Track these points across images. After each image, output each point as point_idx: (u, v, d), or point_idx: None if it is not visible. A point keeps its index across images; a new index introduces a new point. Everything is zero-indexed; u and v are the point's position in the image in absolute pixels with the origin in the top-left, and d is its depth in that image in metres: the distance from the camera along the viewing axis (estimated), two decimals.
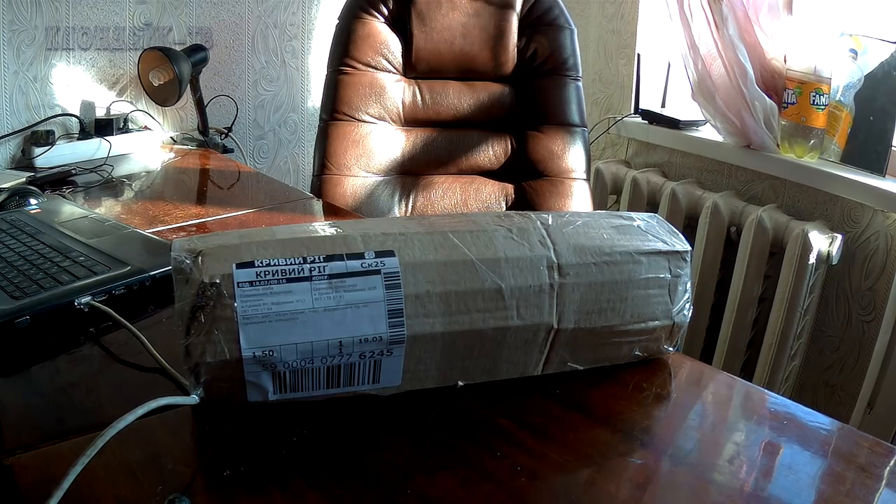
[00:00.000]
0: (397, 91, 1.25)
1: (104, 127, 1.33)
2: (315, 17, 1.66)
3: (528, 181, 1.28)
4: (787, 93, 1.38)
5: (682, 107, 1.69)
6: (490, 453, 0.46)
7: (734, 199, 1.51)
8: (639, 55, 1.71)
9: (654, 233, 0.57)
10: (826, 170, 1.34)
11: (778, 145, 1.43)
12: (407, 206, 1.26)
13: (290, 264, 0.47)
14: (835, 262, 1.32)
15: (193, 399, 0.48)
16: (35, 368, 0.54)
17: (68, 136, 1.32)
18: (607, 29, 1.78)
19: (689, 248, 0.57)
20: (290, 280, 0.46)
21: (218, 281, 0.45)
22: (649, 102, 1.74)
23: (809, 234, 1.30)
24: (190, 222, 0.95)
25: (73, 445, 0.44)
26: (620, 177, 1.74)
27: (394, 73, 1.26)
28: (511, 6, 1.26)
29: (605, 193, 1.78)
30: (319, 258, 0.47)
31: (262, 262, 0.46)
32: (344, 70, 1.23)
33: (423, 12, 1.24)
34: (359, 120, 1.22)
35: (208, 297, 0.45)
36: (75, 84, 1.34)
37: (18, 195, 0.92)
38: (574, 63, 1.29)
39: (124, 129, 1.37)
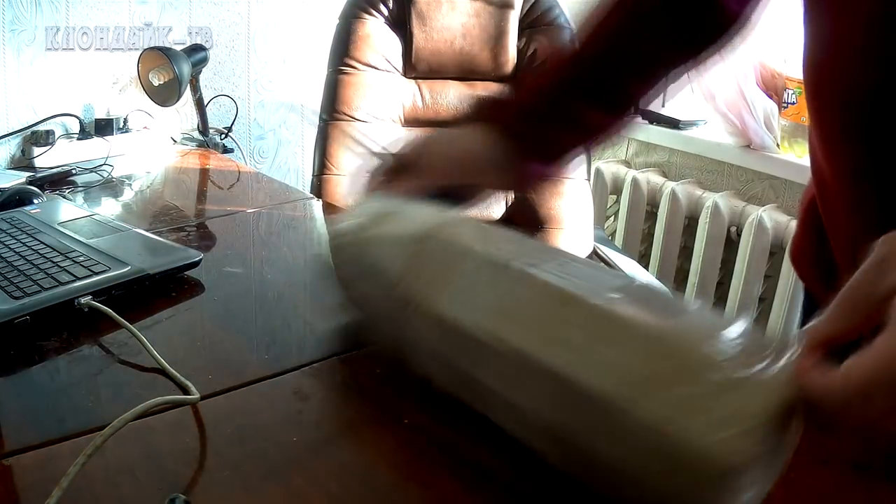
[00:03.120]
0: (397, 91, 1.25)
1: (104, 127, 1.33)
2: (315, 17, 1.66)
3: None
4: (787, 93, 1.38)
5: (682, 107, 1.69)
6: (490, 453, 0.46)
7: (734, 199, 1.51)
8: None
9: None
10: None
11: (778, 145, 1.43)
12: None
13: None
14: None
15: (193, 398, 0.48)
16: (35, 368, 0.54)
17: (68, 136, 1.31)
18: None
19: None
20: None
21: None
22: None
23: None
24: (190, 222, 0.95)
25: (73, 445, 0.44)
26: (620, 177, 1.73)
27: (394, 72, 1.26)
28: (511, 6, 1.26)
29: (605, 193, 1.78)
30: None
31: None
32: (344, 70, 1.23)
33: (423, 12, 1.24)
34: (359, 120, 1.22)
35: None
36: (75, 84, 1.34)
37: (18, 195, 0.92)
38: None
39: (124, 129, 1.37)
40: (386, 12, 1.24)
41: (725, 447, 0.31)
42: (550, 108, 0.62)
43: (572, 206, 1.27)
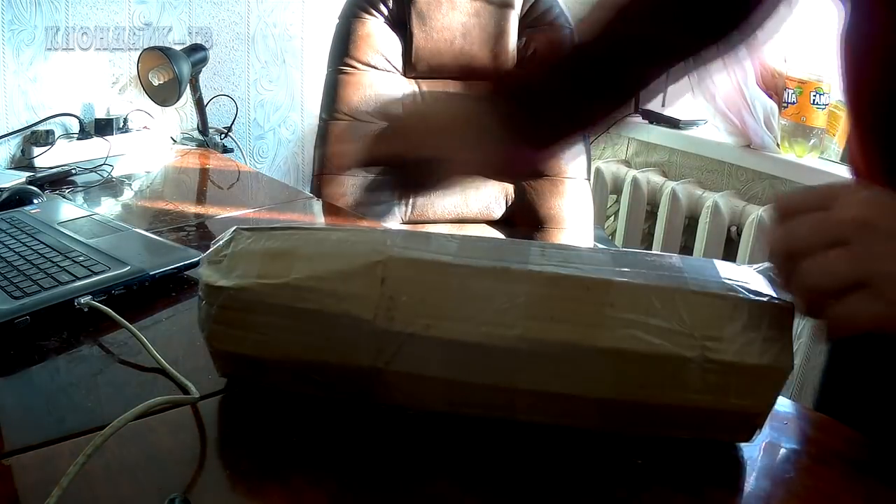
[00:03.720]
0: (397, 91, 1.25)
1: (104, 127, 1.33)
2: (315, 17, 1.66)
3: (528, 181, 1.28)
4: (788, 92, 1.38)
5: (682, 106, 1.69)
6: (489, 453, 0.46)
7: (734, 199, 1.51)
8: None
9: None
10: (826, 169, 1.34)
11: (778, 145, 1.43)
12: (407, 205, 1.26)
13: None
14: None
15: (193, 398, 0.48)
16: (35, 368, 0.54)
17: (68, 135, 1.31)
18: None
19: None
20: None
21: None
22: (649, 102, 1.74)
23: None
24: (190, 222, 0.95)
25: (73, 445, 0.44)
26: (620, 176, 1.73)
27: (394, 72, 1.26)
28: (511, 6, 1.26)
29: (605, 193, 1.78)
30: None
31: None
32: (344, 70, 1.23)
33: (422, 12, 1.24)
34: (359, 120, 1.22)
35: None
36: (75, 84, 1.34)
37: (18, 195, 0.92)
38: None
39: (124, 129, 1.37)
40: (386, 12, 1.24)
41: (783, 359, 0.42)
42: (551, 88, 0.58)
43: (572, 205, 1.27)
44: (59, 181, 1.11)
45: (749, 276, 0.46)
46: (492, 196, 1.28)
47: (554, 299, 0.43)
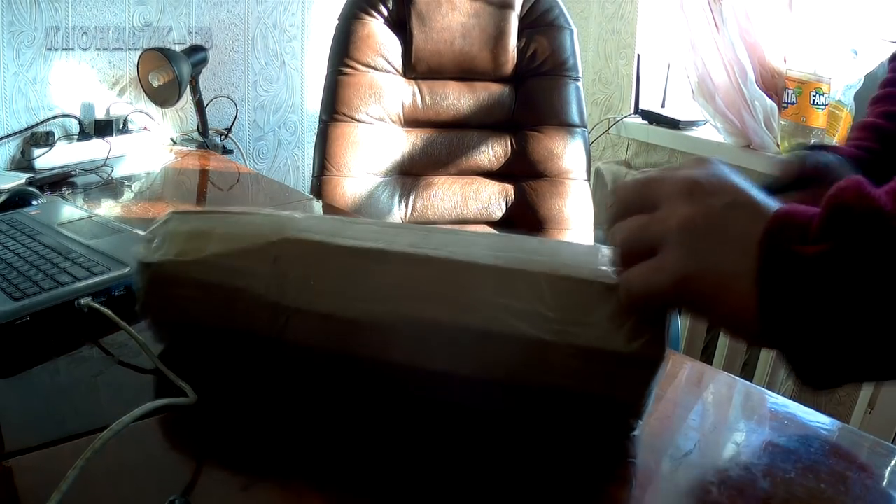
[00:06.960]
0: (397, 92, 1.25)
1: (104, 128, 1.33)
2: (315, 18, 1.66)
3: (528, 181, 1.28)
4: (787, 93, 1.37)
5: (682, 107, 1.69)
6: (489, 452, 0.46)
7: None
8: (639, 55, 1.71)
9: None
10: None
11: (778, 145, 1.43)
12: (407, 206, 1.26)
13: None
14: None
15: (192, 400, 0.48)
16: (35, 370, 0.54)
17: (68, 137, 1.32)
18: (607, 29, 1.78)
19: None
20: None
21: None
22: (649, 102, 1.74)
23: None
24: None
25: (73, 447, 0.44)
26: (621, 177, 1.74)
27: (393, 73, 1.26)
28: (511, 6, 1.26)
29: (605, 194, 1.78)
30: None
31: None
32: (344, 71, 1.23)
33: (422, 13, 1.24)
34: (358, 121, 1.22)
35: None
36: (75, 85, 1.34)
37: (18, 196, 0.92)
38: (574, 63, 1.29)
39: (124, 130, 1.37)
40: (386, 13, 1.25)
41: (653, 348, 0.41)
42: None
43: (573, 206, 1.27)
44: (59, 182, 1.11)
45: None
46: (492, 197, 1.28)
47: (423, 279, 0.45)
